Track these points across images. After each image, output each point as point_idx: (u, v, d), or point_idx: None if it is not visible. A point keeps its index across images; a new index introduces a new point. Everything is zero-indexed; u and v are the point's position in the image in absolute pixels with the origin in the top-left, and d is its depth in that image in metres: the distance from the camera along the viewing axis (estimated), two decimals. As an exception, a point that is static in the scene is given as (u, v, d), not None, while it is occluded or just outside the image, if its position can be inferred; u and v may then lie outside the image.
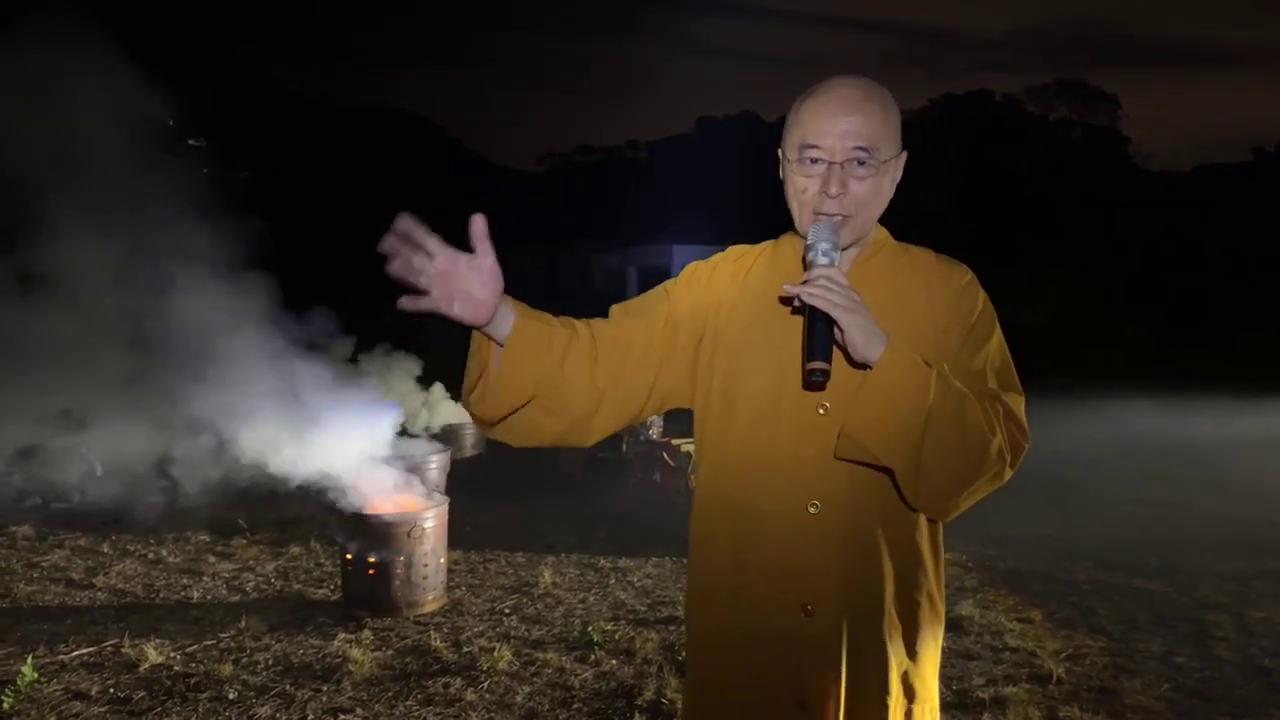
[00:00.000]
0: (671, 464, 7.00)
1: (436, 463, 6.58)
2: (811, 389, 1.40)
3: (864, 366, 1.39)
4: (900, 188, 1.55)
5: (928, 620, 1.54)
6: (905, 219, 1.76)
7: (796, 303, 1.40)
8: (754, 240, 1.73)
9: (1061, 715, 3.50)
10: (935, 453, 1.38)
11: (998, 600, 4.90)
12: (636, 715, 3.43)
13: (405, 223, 1.34)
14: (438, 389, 8.91)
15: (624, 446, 7.91)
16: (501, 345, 1.46)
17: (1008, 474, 1.45)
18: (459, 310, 1.39)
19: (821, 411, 1.47)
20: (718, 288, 1.63)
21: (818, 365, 1.35)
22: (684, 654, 3.90)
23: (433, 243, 1.35)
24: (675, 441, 7.14)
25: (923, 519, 1.52)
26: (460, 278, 1.37)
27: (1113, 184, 34.99)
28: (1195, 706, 3.65)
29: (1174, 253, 28.78)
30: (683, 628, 4.35)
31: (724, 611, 1.56)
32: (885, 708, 1.47)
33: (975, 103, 41.50)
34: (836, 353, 1.40)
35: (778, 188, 1.55)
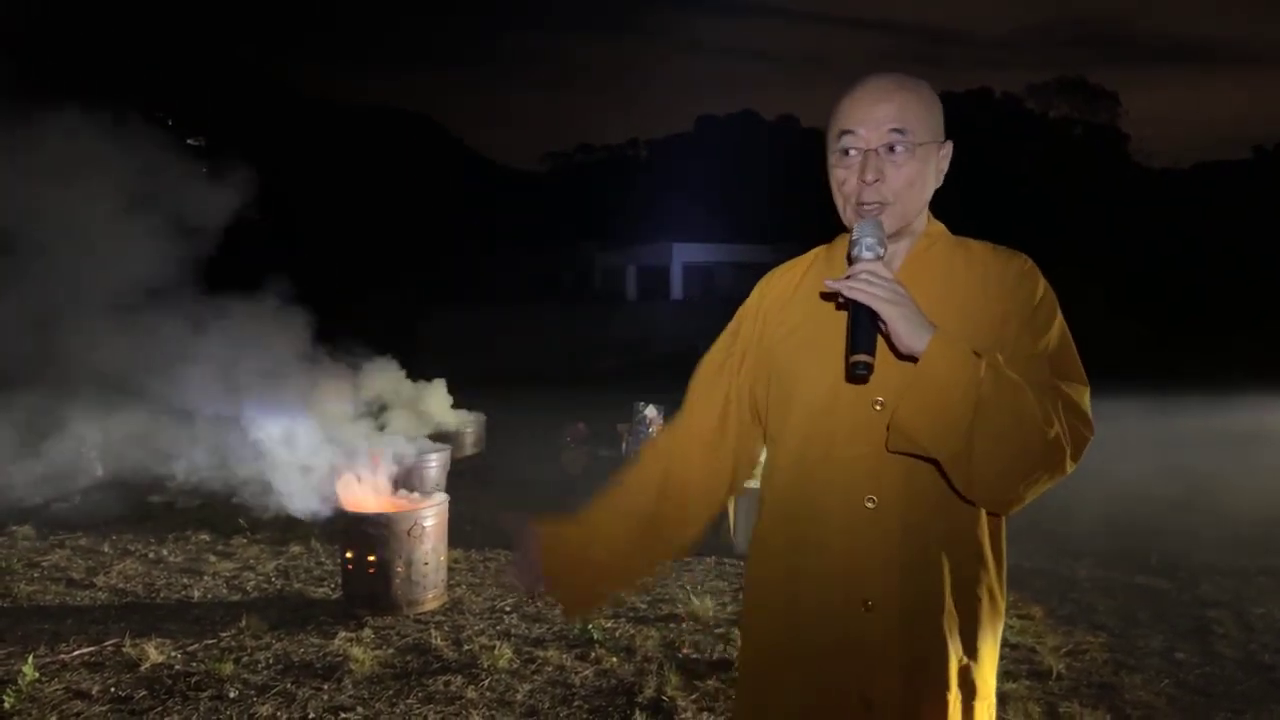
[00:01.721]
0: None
1: (437, 461, 6.59)
2: (855, 381, 1.40)
3: (911, 358, 1.37)
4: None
5: (988, 616, 1.52)
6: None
7: (840, 298, 1.41)
8: (752, 238, 1.74)
9: (1062, 711, 3.50)
10: (986, 443, 1.36)
11: (998, 597, 4.90)
12: (637, 713, 3.44)
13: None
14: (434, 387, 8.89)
15: (623, 445, 7.91)
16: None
17: (1070, 466, 1.43)
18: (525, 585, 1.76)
19: (877, 407, 1.46)
20: (769, 296, 1.66)
21: (860, 358, 1.35)
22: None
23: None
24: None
25: (983, 513, 1.50)
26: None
27: (1113, 181, 34.97)
28: (1196, 703, 3.65)
29: (1174, 250, 28.76)
30: (683, 625, 4.37)
31: (780, 622, 1.55)
32: (945, 704, 1.46)
33: (976, 101, 41.46)
34: (887, 346, 1.40)
35: (778, 186, 1.55)
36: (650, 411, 7.84)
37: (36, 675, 3.65)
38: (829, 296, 1.47)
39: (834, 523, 1.49)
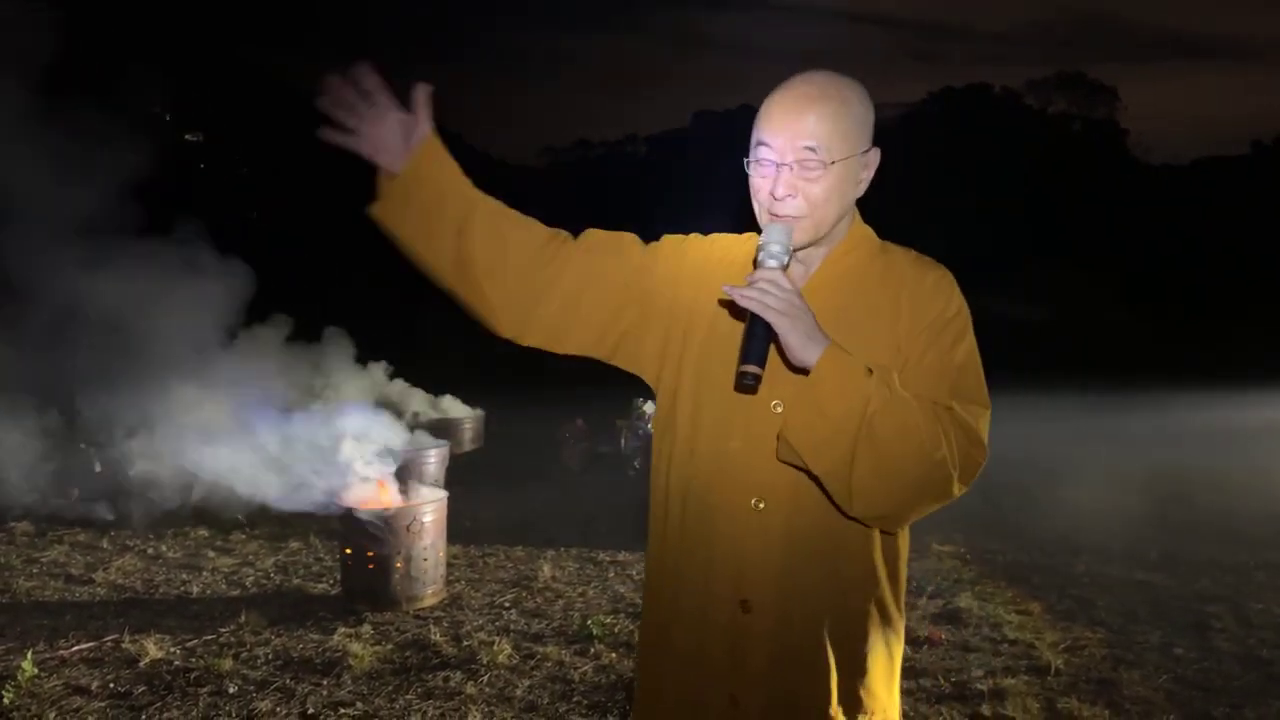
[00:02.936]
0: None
1: (435, 457, 6.58)
2: (743, 391, 1.38)
3: (804, 371, 1.36)
4: (899, 181, 1.53)
5: (877, 628, 1.50)
6: (905, 214, 1.75)
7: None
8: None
9: (1060, 707, 3.50)
10: (869, 460, 1.34)
11: (997, 592, 4.90)
12: (636, 708, 3.44)
13: (361, 70, 1.44)
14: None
15: (622, 440, 7.92)
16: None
17: (957, 490, 1.40)
18: (377, 156, 1.48)
19: (776, 409, 1.45)
20: (698, 271, 1.60)
21: (749, 369, 1.34)
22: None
23: (379, 94, 1.45)
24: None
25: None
26: (389, 130, 1.47)
27: (1112, 177, 34.95)
28: (1194, 697, 3.65)
29: (1173, 246, 28.76)
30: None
31: (669, 594, 1.56)
32: (825, 713, 1.45)
33: (974, 96, 41.42)
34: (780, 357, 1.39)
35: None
36: (649, 408, 7.84)
37: (36, 671, 3.65)
38: (727, 302, 1.44)
39: (721, 518, 1.49)
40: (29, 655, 3.75)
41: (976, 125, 37.06)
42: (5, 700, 3.41)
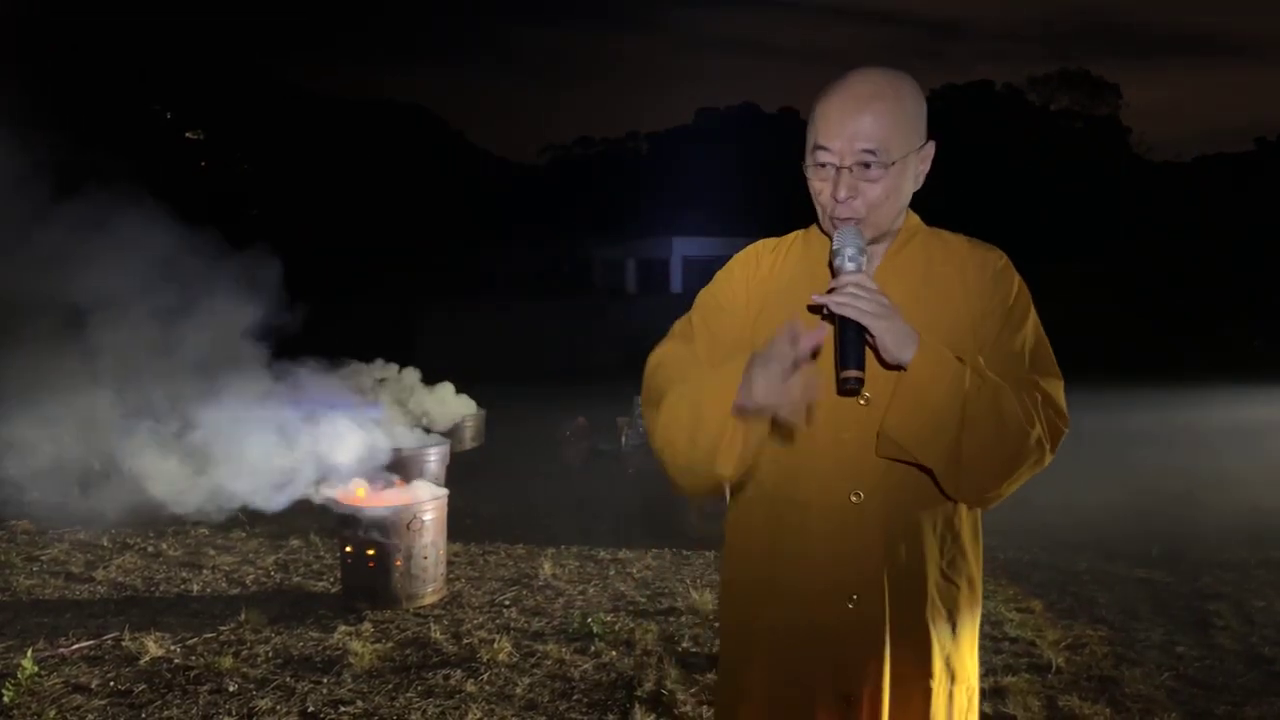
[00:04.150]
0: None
1: (436, 455, 6.57)
2: (845, 394, 1.41)
3: (898, 368, 1.39)
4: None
5: (967, 603, 1.55)
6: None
7: (825, 311, 1.41)
8: (753, 231, 1.73)
9: (1061, 704, 3.49)
10: (973, 447, 1.39)
11: (998, 590, 4.89)
12: (636, 706, 3.43)
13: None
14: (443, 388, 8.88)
15: (623, 438, 7.90)
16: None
17: (1048, 459, 1.46)
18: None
19: (862, 402, 1.47)
20: (761, 281, 1.63)
21: (852, 374, 1.37)
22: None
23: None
24: None
25: (962, 504, 1.54)
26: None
27: (1115, 174, 34.90)
28: (1196, 695, 3.64)
29: (1176, 243, 28.72)
30: (683, 619, 4.36)
31: (761, 603, 1.56)
32: (929, 690, 1.49)
33: (977, 93, 41.35)
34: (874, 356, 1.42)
35: (778, 179, 1.54)
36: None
37: (36, 669, 3.65)
38: (816, 309, 1.46)
39: (817, 513, 1.50)
40: (29, 653, 3.75)
41: (978, 123, 37.01)
42: (5, 698, 3.41)
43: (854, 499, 1.48)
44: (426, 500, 4.64)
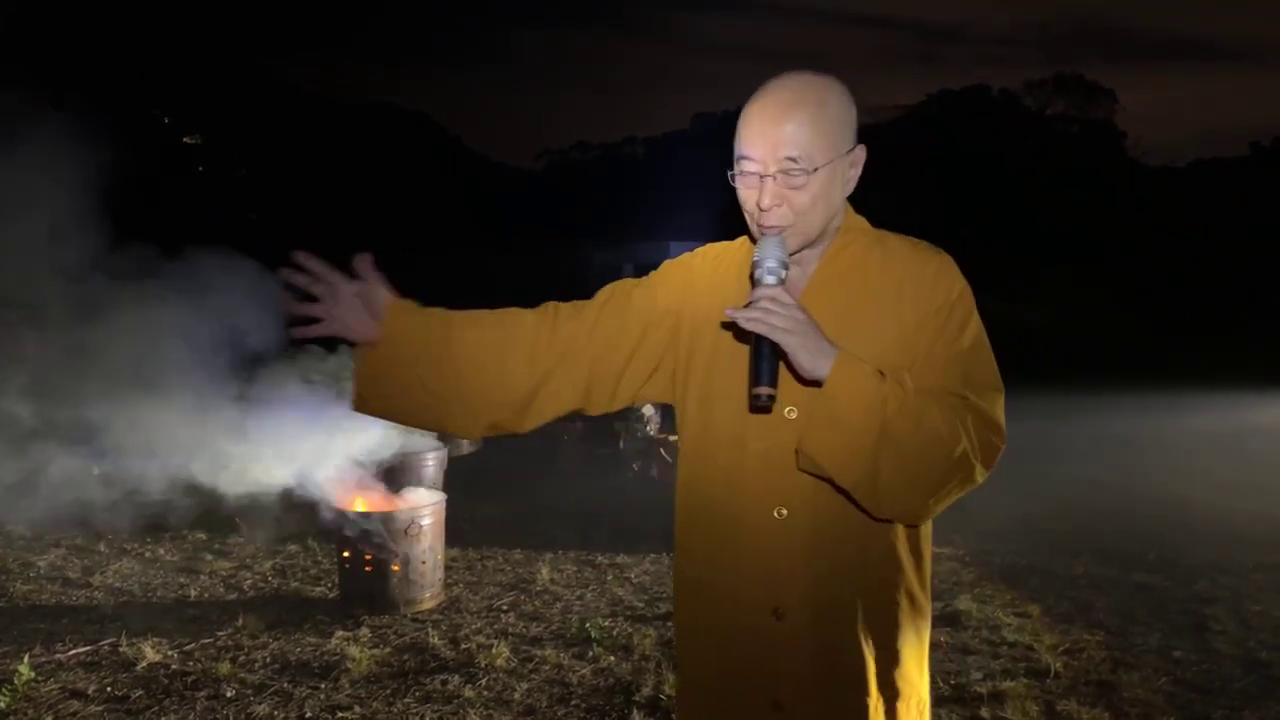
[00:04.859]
0: (669, 460, 7.00)
1: (434, 459, 6.56)
2: (757, 412, 1.39)
3: (817, 384, 1.36)
4: (897, 183, 1.52)
5: (909, 618, 1.51)
6: (903, 216, 1.75)
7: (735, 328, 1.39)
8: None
9: (1059, 709, 3.50)
10: (892, 465, 1.35)
11: (995, 595, 4.90)
12: (634, 711, 3.43)
13: (304, 257, 1.51)
14: None
15: (621, 443, 7.91)
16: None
17: (980, 476, 1.41)
18: (353, 332, 1.53)
19: (791, 415, 1.44)
20: (697, 287, 1.60)
21: (762, 390, 1.34)
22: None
23: (329, 275, 1.52)
24: (672, 438, 7.13)
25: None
26: (352, 306, 1.52)
27: (1110, 179, 34.98)
28: (1193, 700, 3.65)
29: (1172, 247, 28.78)
30: (681, 624, 4.37)
31: (701, 605, 1.57)
32: (865, 708, 1.46)
33: (973, 98, 41.45)
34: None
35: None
36: (647, 410, 7.84)
37: (33, 675, 3.64)
38: (730, 325, 1.43)
39: (744, 529, 1.49)
40: (26, 659, 3.75)
41: (975, 127, 37.08)
42: (2, 704, 3.40)
43: (778, 515, 1.46)
44: (424, 505, 4.64)
